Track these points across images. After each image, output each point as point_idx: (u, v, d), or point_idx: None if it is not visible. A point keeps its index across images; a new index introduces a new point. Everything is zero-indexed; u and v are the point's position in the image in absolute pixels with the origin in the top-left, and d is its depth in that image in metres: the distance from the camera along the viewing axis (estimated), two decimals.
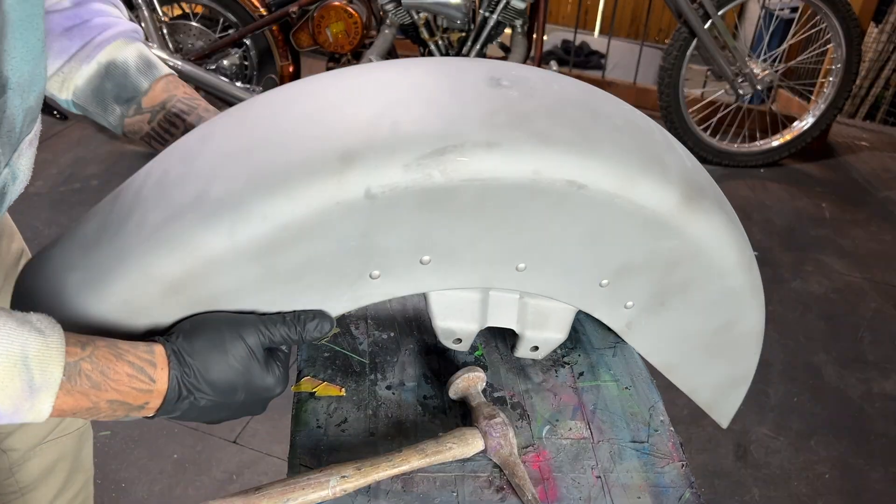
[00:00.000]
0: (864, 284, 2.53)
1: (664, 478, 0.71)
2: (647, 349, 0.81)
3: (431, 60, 0.74)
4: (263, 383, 0.65)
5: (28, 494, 1.12)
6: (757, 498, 1.79)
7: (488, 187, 0.62)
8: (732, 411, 0.89)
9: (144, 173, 0.69)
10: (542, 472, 0.71)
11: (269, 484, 0.64)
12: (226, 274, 0.63)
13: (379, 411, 0.77)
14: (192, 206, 0.61)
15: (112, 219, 0.66)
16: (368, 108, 0.64)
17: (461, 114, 0.64)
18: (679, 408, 2.01)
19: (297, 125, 0.65)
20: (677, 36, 2.89)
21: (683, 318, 0.77)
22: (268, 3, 2.74)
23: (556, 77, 0.73)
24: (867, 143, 3.50)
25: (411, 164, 0.60)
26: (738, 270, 0.74)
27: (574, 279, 0.72)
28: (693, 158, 0.76)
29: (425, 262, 0.68)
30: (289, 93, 0.71)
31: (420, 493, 0.68)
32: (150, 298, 0.63)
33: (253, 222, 0.60)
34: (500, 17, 2.63)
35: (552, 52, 3.99)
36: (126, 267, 0.62)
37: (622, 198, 0.65)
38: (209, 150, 0.66)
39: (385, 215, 0.62)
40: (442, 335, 0.76)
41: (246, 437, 1.86)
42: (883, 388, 2.12)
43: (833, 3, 2.91)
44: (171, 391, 0.60)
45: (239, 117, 0.70)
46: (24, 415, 0.54)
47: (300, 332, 0.66)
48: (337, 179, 0.60)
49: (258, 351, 0.64)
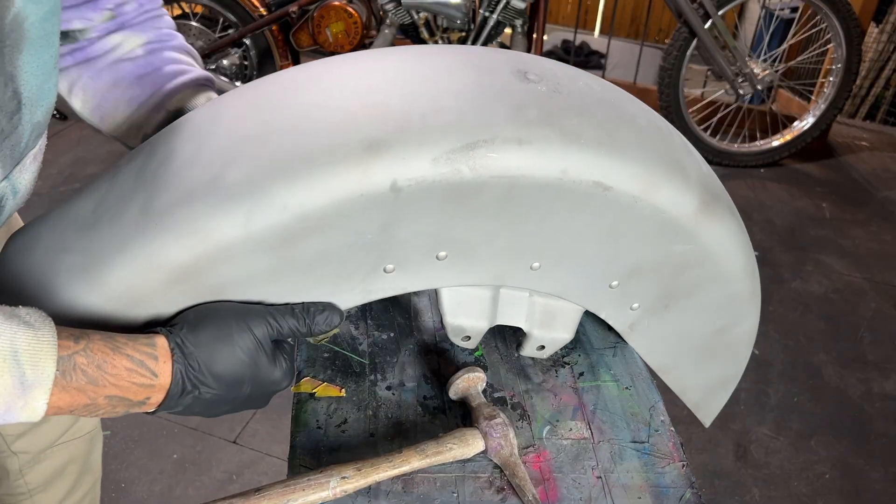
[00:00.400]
0: (864, 284, 2.53)
1: (665, 478, 0.71)
2: (645, 350, 0.81)
3: (453, 49, 0.71)
4: (271, 376, 0.63)
5: (36, 496, 1.12)
6: (757, 498, 1.79)
7: (515, 185, 0.61)
8: (717, 411, 0.89)
9: (146, 152, 0.66)
10: (542, 473, 0.71)
11: (269, 485, 0.64)
12: (236, 263, 0.60)
13: (379, 412, 0.77)
14: (205, 191, 0.58)
15: (111, 199, 0.63)
16: (394, 96, 0.62)
17: (491, 108, 0.61)
18: (679, 408, 2.00)
19: (317, 110, 0.61)
20: (677, 36, 2.89)
21: (685, 322, 0.77)
22: (268, 3, 2.74)
23: (579, 73, 0.72)
24: (867, 143, 3.50)
25: (440, 157, 0.58)
26: (743, 276, 0.74)
27: (586, 280, 0.72)
28: (706, 163, 0.76)
29: (441, 257, 0.66)
30: (304, 75, 0.67)
31: (420, 493, 0.68)
32: (154, 287, 0.60)
33: (271, 211, 0.57)
34: (500, 16, 2.63)
35: (552, 52, 3.99)
36: (129, 252, 0.59)
37: (645, 201, 0.64)
38: (223, 131, 0.62)
39: (408, 209, 0.60)
40: (452, 332, 0.75)
41: (246, 437, 1.86)
42: (883, 388, 2.12)
43: (833, 3, 2.91)
44: (174, 385, 0.58)
45: (251, 98, 0.66)
46: (18, 413, 0.51)
47: (309, 324, 0.65)
48: (363, 170, 0.57)
49: (266, 343, 0.62)
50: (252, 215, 0.57)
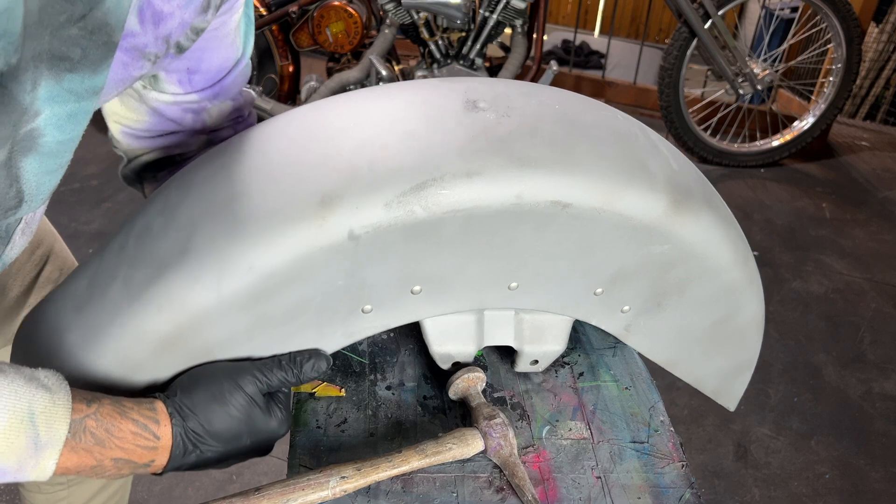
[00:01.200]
0: (864, 284, 2.53)
1: (664, 478, 0.71)
2: (647, 349, 0.81)
3: (407, 86, 0.73)
4: (268, 427, 0.66)
5: (73, 487, 1.12)
6: (757, 498, 1.79)
7: (472, 216, 0.62)
8: (739, 395, 0.89)
9: (127, 227, 0.69)
10: (542, 473, 0.71)
11: (269, 484, 0.64)
12: (217, 325, 0.63)
13: (379, 412, 0.77)
14: (176, 262, 0.61)
15: (100, 276, 0.66)
16: (345, 146, 0.64)
17: (439, 144, 0.63)
18: (679, 408, 2.01)
19: (275, 169, 0.64)
20: (677, 36, 2.89)
21: (681, 317, 0.77)
22: (268, 3, 2.74)
23: (535, 90, 0.72)
24: (867, 143, 3.50)
25: (392, 201, 0.60)
26: (733, 266, 0.74)
27: (567, 292, 0.72)
28: (680, 157, 0.76)
29: (416, 291, 0.68)
30: (264, 133, 0.70)
31: (420, 493, 0.68)
32: (145, 356, 0.63)
33: (239, 274, 0.60)
34: (500, 16, 2.63)
35: (552, 52, 3.99)
36: (118, 328, 0.62)
37: (609, 211, 0.65)
38: (189, 200, 0.65)
39: (370, 254, 0.62)
40: (440, 360, 0.77)
41: None
42: (883, 388, 2.12)
43: (833, 3, 2.91)
44: (175, 447, 0.61)
45: (217, 163, 0.68)
46: (28, 472, 0.53)
47: (297, 374, 0.67)
48: (318, 224, 0.60)
49: (258, 398, 0.65)
50: (222, 280, 0.60)
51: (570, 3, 4.74)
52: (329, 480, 0.64)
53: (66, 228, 2.55)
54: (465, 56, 2.72)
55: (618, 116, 0.74)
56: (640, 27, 4.57)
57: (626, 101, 3.58)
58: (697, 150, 3.10)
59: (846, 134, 3.55)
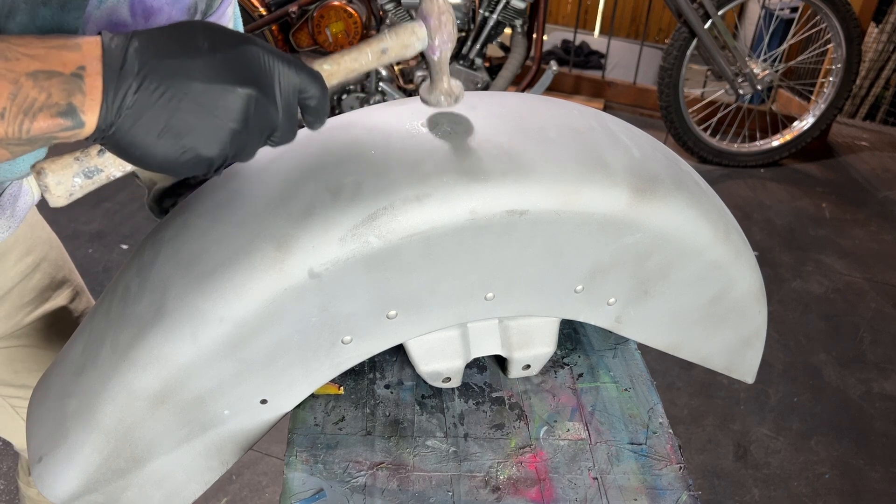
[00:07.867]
0: (864, 284, 2.53)
1: (661, 480, 0.71)
2: (644, 337, 0.80)
3: (355, 115, 0.72)
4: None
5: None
6: (757, 498, 1.79)
7: (429, 237, 0.63)
8: (755, 366, 0.88)
9: (111, 290, 0.70)
10: (538, 473, 0.71)
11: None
12: (202, 375, 0.64)
13: (377, 410, 0.77)
14: (153, 321, 0.62)
15: (92, 340, 0.68)
16: (300, 184, 0.64)
17: (389, 171, 0.63)
18: (679, 408, 2.01)
19: (236, 218, 0.65)
20: (677, 36, 2.89)
21: (672, 301, 0.77)
22: (267, 3, 2.74)
23: (481, 99, 0.72)
24: (867, 143, 3.50)
25: (346, 236, 0.61)
26: (714, 243, 0.73)
27: (546, 293, 0.72)
28: (645, 144, 0.74)
29: (392, 316, 0.68)
30: (231, 185, 0.68)
31: (416, 492, 0.68)
32: (141, 413, 0.64)
33: (211, 326, 0.61)
34: (500, 16, 2.63)
35: (552, 52, 3.99)
36: (110, 390, 0.64)
37: (568, 211, 0.65)
38: (161, 260, 0.66)
39: (335, 288, 0.63)
40: (429, 378, 0.77)
41: None
42: (883, 388, 2.12)
43: (833, 3, 2.91)
44: (108, 53, 0.48)
45: (180, 220, 0.69)
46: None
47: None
48: (278, 268, 0.61)
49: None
50: (196, 334, 0.62)
51: (570, 3, 4.74)
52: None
53: (65, 228, 2.55)
54: (465, 56, 2.72)
55: (573, 112, 0.74)
56: (640, 27, 4.57)
57: (625, 101, 3.58)
58: (697, 151, 3.10)
59: (846, 134, 3.55)
